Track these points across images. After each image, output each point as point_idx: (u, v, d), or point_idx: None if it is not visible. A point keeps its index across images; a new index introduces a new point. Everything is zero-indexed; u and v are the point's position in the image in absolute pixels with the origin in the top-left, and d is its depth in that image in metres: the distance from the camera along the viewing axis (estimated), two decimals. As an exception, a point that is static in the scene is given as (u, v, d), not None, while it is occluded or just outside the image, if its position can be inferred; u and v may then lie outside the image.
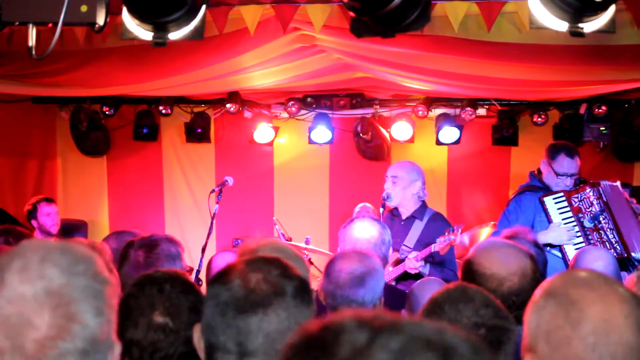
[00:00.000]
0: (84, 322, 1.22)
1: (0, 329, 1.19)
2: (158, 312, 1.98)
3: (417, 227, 4.74)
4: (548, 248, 4.79)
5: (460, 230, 4.41)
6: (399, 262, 4.59)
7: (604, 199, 4.76)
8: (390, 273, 4.54)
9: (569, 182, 4.86)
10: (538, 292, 1.51)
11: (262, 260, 1.71)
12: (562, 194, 4.82)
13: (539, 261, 2.62)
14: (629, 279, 2.20)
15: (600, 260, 3.60)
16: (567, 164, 4.85)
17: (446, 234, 4.44)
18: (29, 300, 1.20)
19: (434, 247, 4.43)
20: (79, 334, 1.21)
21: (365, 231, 3.52)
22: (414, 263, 4.45)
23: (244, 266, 1.67)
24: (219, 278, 1.67)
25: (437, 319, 1.85)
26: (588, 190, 4.80)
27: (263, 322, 1.57)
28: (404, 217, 4.79)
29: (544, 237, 4.70)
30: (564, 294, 1.44)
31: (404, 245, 4.68)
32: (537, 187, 4.95)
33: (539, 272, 2.46)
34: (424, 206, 4.81)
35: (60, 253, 1.26)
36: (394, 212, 4.85)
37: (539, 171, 5.05)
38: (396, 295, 3.56)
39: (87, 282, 1.26)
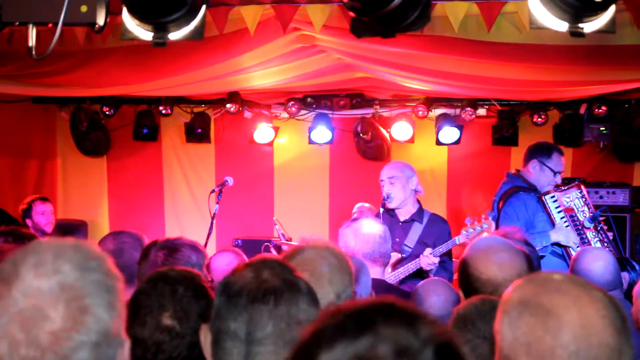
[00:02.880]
0: (97, 315, 1.25)
1: (15, 321, 1.20)
2: (167, 315, 1.96)
3: (417, 228, 4.75)
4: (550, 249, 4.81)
5: (490, 218, 4.46)
6: (399, 261, 4.59)
7: (588, 200, 4.84)
8: (399, 273, 4.53)
9: (559, 180, 4.94)
10: (508, 302, 1.48)
11: (272, 260, 1.74)
12: (554, 193, 4.86)
13: (532, 259, 2.61)
14: None
15: (601, 260, 3.60)
16: (561, 162, 4.98)
17: (476, 224, 4.46)
18: (45, 294, 1.22)
19: (458, 240, 4.46)
20: (93, 327, 1.23)
21: (374, 227, 3.52)
22: (432, 259, 4.44)
23: (254, 263, 1.70)
24: (232, 273, 1.70)
25: (470, 336, 1.83)
26: (577, 191, 4.86)
27: (273, 312, 1.60)
28: (402, 219, 4.78)
29: (555, 236, 4.73)
30: (537, 303, 1.42)
31: (405, 245, 4.69)
32: (526, 187, 4.96)
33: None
34: (421, 209, 4.84)
35: (73, 250, 1.29)
36: (392, 213, 4.82)
37: (517, 171, 5.09)
38: (399, 296, 3.55)
39: (99, 278, 1.28)
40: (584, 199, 4.85)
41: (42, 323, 1.20)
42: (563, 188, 4.89)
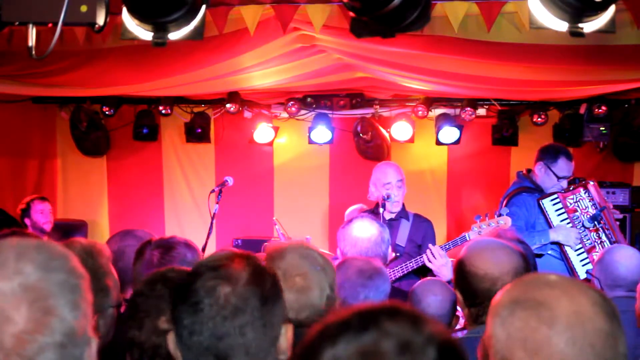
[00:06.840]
0: (61, 315, 1.23)
1: None
2: (164, 319, 1.93)
3: (405, 227, 4.74)
4: (549, 252, 4.80)
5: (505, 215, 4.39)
6: (393, 259, 4.55)
7: (597, 199, 4.81)
8: (398, 270, 4.50)
9: (565, 184, 4.91)
10: (498, 305, 1.48)
11: (231, 267, 1.63)
12: (556, 195, 4.84)
13: (528, 256, 2.62)
14: None
15: (631, 258, 3.54)
16: (567, 167, 4.91)
17: (488, 220, 4.37)
18: (6, 296, 1.20)
19: (469, 236, 4.34)
20: (57, 328, 1.22)
21: (365, 230, 3.50)
22: (440, 252, 4.30)
23: (210, 280, 1.60)
24: (186, 297, 1.60)
25: None
26: (582, 191, 4.83)
27: (242, 337, 1.56)
28: (387, 218, 4.72)
29: (554, 235, 4.71)
30: (527, 299, 1.43)
31: (397, 244, 4.67)
32: (531, 188, 4.96)
33: (530, 269, 2.46)
34: (404, 207, 4.83)
35: (36, 250, 1.27)
36: (375, 212, 4.71)
37: (528, 171, 5.07)
38: (397, 295, 3.55)
39: (63, 277, 1.26)
40: (590, 199, 4.82)
41: (4, 325, 1.18)
42: (569, 189, 4.87)
